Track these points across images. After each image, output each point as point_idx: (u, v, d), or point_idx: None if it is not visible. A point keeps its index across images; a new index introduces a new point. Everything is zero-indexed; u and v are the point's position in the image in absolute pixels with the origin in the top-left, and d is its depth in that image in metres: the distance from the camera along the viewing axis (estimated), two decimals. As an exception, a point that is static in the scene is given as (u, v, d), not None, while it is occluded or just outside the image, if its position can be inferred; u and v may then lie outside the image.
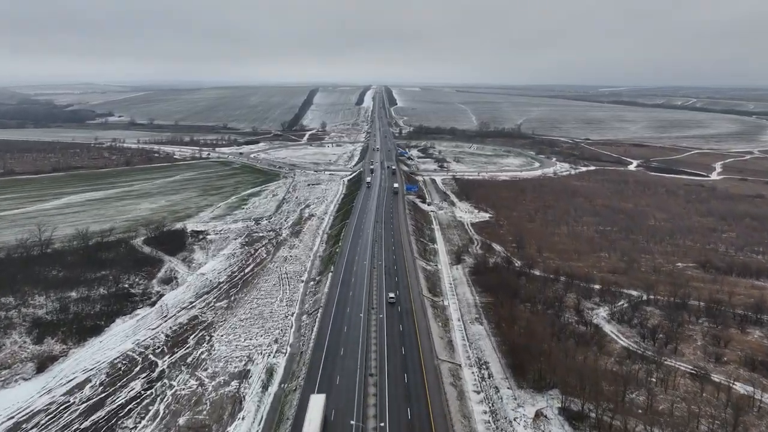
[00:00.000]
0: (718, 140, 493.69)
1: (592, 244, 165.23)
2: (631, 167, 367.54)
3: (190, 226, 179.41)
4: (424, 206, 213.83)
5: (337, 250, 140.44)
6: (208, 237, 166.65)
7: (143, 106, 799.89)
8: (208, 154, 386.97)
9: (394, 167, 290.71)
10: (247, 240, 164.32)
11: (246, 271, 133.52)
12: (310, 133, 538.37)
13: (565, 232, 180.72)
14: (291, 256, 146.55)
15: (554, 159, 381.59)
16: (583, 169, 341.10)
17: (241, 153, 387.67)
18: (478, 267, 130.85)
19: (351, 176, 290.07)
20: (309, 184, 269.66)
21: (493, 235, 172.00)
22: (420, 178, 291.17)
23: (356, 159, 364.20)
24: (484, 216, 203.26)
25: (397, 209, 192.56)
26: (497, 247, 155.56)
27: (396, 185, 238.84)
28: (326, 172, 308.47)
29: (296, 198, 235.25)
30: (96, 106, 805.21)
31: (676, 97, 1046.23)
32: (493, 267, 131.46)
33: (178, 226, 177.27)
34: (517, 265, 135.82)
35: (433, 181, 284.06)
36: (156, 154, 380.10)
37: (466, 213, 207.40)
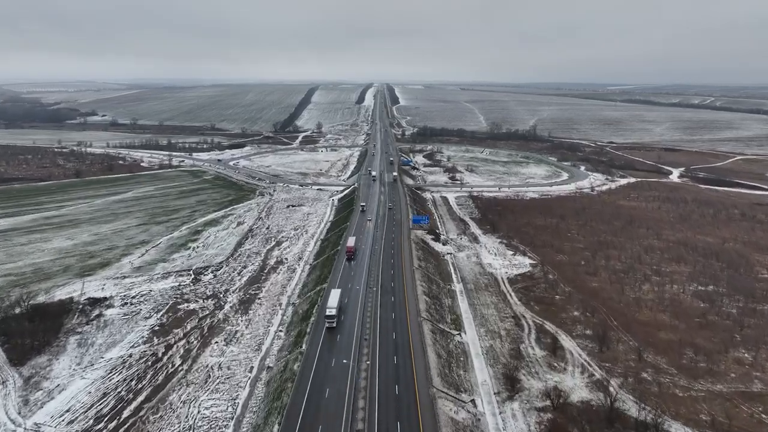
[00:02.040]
0: (759, 144, 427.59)
1: (709, 327, 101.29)
2: (674, 177, 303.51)
3: (93, 287, 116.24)
4: (438, 246, 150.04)
5: (297, 364, 77.03)
6: (107, 313, 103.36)
7: (132, 105, 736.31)
8: (182, 161, 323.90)
9: (396, 175, 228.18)
10: (165, 319, 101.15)
11: (124, 416, 70.33)
12: (303, 135, 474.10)
13: (652, 298, 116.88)
14: (222, 365, 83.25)
15: (583, 168, 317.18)
16: (622, 181, 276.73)
17: (219, 160, 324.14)
18: (555, 419, 67.16)
19: (343, 194, 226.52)
20: (289, 206, 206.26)
21: (550, 308, 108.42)
22: (428, 196, 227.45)
23: (352, 168, 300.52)
24: (523, 262, 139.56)
25: (401, 256, 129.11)
26: (567, 343, 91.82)
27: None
28: (314, 187, 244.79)
29: (267, 229, 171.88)
30: (83, 105, 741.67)
31: (690, 96, 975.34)
32: (585, 412, 67.91)
33: (70, 290, 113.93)
34: (624, 406, 71.80)
35: (445, 200, 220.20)
36: (121, 161, 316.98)
37: (498, 257, 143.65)
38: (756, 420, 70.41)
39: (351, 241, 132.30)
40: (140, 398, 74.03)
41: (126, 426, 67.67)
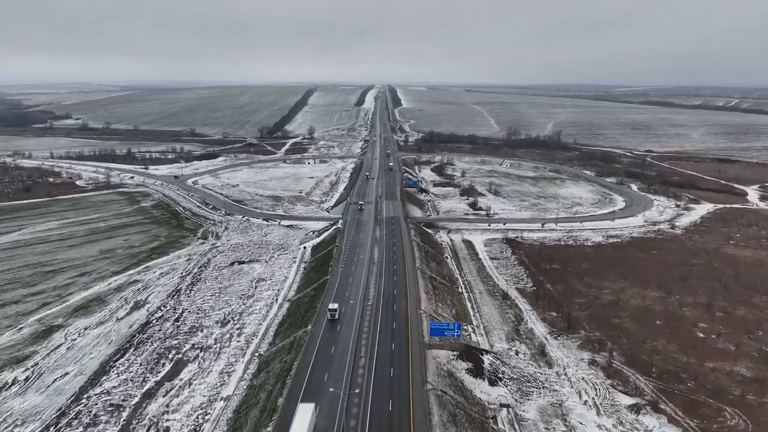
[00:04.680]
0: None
1: None
2: (755, 199, 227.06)
3: None
4: (482, 389, 72.98)
5: None
6: None
7: (117, 107, 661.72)
8: (132, 176, 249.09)
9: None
10: None
11: None
12: (292, 141, 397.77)
13: None
14: None
15: (635, 187, 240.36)
16: (699, 209, 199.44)
17: (176, 177, 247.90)
18: None
19: (321, 237, 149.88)
20: (234, 263, 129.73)
21: None
22: (445, 240, 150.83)
23: (341, 189, 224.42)
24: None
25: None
26: None
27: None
28: (282, 223, 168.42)
29: (176, 322, 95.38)
30: (62, 107, 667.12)
31: (709, 97, 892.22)
32: None
33: None
34: None
35: (471, 248, 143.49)
36: (50, 179, 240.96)
37: (608, 421, 67.00)
38: None
39: None
40: None
41: None
